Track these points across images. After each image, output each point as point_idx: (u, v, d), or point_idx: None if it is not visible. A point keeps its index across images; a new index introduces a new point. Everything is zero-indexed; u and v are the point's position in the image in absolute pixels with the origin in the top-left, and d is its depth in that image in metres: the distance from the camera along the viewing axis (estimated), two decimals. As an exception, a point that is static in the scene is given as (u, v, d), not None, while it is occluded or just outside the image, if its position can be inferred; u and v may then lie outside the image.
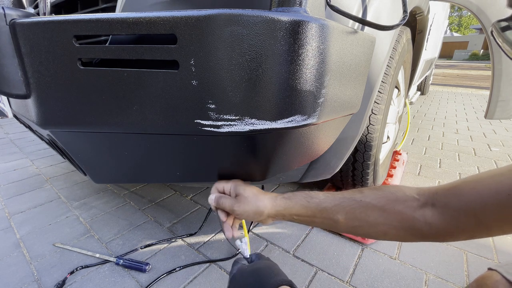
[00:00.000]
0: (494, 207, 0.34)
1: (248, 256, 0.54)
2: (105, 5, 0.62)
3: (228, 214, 0.54)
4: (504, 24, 0.26)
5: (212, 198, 0.54)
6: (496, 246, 0.98)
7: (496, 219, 0.34)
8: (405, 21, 0.59)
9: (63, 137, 0.59)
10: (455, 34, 36.04)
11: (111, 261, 0.89)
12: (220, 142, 0.48)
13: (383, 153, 1.22)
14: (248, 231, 1.03)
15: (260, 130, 0.43)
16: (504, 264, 0.28)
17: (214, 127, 0.43)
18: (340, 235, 1.02)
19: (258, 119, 0.42)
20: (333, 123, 0.60)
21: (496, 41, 0.29)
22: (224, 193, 0.55)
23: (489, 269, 0.30)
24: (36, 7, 0.78)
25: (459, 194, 0.38)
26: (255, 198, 0.50)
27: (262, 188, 1.28)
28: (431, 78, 4.66)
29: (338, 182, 1.17)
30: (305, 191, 0.51)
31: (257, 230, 1.06)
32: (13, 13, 0.44)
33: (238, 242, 0.56)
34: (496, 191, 0.34)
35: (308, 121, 0.46)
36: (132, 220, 1.12)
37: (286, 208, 0.49)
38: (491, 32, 0.29)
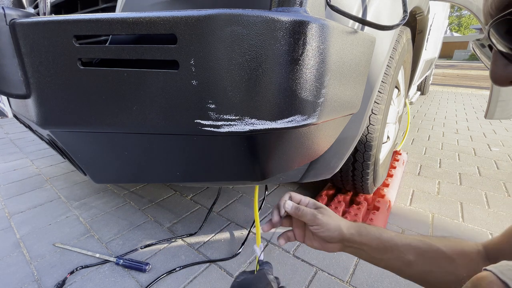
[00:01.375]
0: None
1: (262, 259, 0.59)
2: (105, 5, 0.62)
3: (279, 218, 0.54)
4: (480, 42, 0.34)
5: (290, 204, 0.52)
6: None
7: None
8: (405, 21, 0.59)
9: (63, 137, 0.59)
10: (455, 34, 36.05)
11: (111, 261, 0.89)
12: (220, 142, 0.48)
13: (383, 153, 1.22)
14: (249, 233, 1.04)
15: (260, 130, 0.43)
16: (498, 265, 0.28)
17: (214, 127, 0.43)
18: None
19: (258, 119, 0.42)
20: (333, 123, 0.60)
21: (475, 52, 0.36)
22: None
23: (484, 269, 0.30)
24: (36, 7, 0.78)
25: (502, 249, 0.40)
26: (336, 215, 0.52)
27: (266, 188, 1.29)
28: (431, 78, 4.66)
29: (338, 182, 1.17)
30: (374, 226, 0.51)
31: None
32: (13, 13, 0.44)
33: (255, 247, 0.60)
34: None
35: (308, 121, 0.46)
36: (132, 220, 1.12)
37: (360, 235, 0.49)
38: (472, 47, 0.36)
